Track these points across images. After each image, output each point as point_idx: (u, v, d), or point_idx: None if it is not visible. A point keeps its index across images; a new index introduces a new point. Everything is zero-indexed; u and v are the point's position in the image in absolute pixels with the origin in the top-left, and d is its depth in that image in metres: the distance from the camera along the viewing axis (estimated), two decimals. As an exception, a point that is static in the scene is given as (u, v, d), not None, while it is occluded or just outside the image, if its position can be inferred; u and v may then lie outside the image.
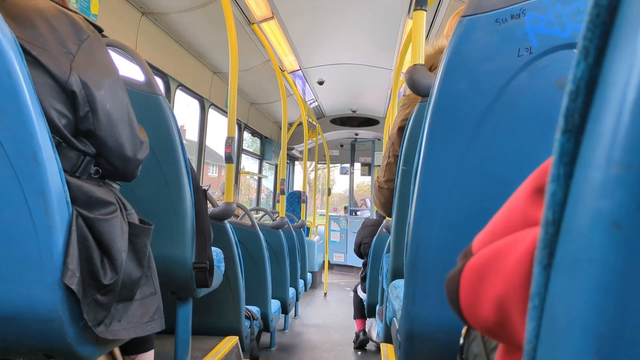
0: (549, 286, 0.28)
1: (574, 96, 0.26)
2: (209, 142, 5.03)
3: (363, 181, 12.17)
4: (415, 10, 1.61)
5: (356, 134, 8.76)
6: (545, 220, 0.28)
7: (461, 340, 0.58)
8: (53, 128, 1.10)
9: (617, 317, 0.24)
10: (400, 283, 1.50)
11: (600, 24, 0.25)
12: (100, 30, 1.24)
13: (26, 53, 1.06)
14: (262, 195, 8.03)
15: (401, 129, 1.72)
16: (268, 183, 8.72)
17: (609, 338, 0.24)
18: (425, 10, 1.62)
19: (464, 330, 0.58)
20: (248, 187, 8.61)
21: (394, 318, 1.42)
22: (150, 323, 1.29)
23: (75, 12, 1.19)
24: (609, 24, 0.25)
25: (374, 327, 4.08)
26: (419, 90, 1.48)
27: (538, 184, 0.36)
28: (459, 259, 0.43)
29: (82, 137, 1.18)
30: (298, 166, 10.04)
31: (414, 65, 1.53)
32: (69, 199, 1.11)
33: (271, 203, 8.60)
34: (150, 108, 1.77)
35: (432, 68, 1.66)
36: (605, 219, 0.24)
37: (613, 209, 0.23)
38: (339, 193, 14.72)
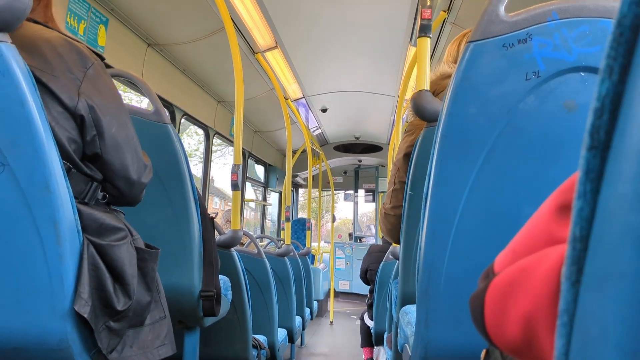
0: (578, 302, 0.28)
1: (599, 113, 0.27)
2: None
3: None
4: (419, 37, 1.63)
5: (360, 161, 8.78)
6: (572, 236, 0.28)
7: (480, 364, 0.57)
8: (63, 154, 1.11)
9: (651, 332, 0.23)
10: (411, 309, 1.49)
11: (624, 43, 0.25)
12: (102, 58, 1.27)
13: (37, 80, 1.09)
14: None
15: (407, 155, 1.72)
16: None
17: (643, 353, 0.24)
18: (430, 37, 1.64)
19: (483, 353, 0.58)
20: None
21: (406, 344, 1.40)
22: (161, 348, 1.28)
23: (78, 41, 1.22)
24: (632, 42, 0.25)
25: (382, 355, 4.02)
26: (424, 115, 1.49)
27: (561, 201, 0.36)
28: (480, 280, 0.43)
29: (89, 162, 1.20)
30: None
31: (419, 91, 1.54)
32: (79, 227, 1.11)
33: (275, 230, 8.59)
34: (159, 136, 1.79)
35: (435, 93, 1.67)
36: (636, 233, 0.24)
37: (643, 223, 0.24)
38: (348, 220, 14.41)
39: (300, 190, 9.81)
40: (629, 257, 0.24)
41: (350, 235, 9.53)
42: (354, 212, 9.67)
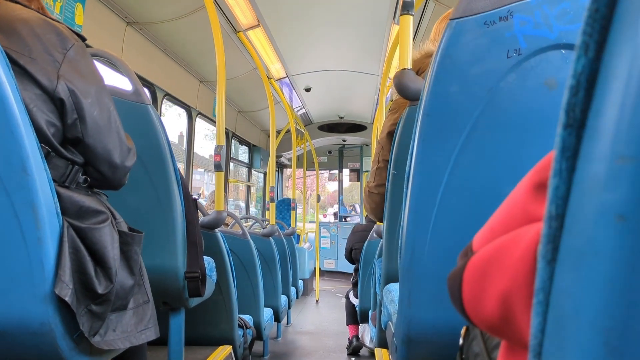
0: (554, 281, 0.28)
1: (574, 91, 0.26)
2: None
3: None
4: (401, 15, 1.62)
5: (344, 140, 8.77)
6: (548, 215, 0.28)
7: (461, 341, 0.58)
8: (42, 137, 1.09)
9: (624, 309, 0.24)
10: (394, 287, 1.50)
11: (600, 19, 0.25)
12: (83, 39, 1.24)
13: (13, 62, 1.06)
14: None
15: (390, 134, 1.72)
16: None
17: (616, 330, 0.24)
18: (412, 15, 1.63)
19: (463, 330, 0.58)
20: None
21: (390, 322, 1.42)
22: (145, 331, 1.28)
23: (58, 22, 1.19)
24: (608, 18, 0.25)
25: (367, 332, 4.08)
26: (407, 94, 1.48)
27: (538, 179, 0.36)
28: (459, 258, 0.43)
29: (70, 146, 1.18)
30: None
31: (402, 69, 1.53)
32: (59, 210, 1.10)
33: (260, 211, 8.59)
34: (139, 117, 1.77)
35: (419, 72, 1.67)
36: (610, 211, 0.24)
37: (617, 201, 0.23)
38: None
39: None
40: (603, 235, 0.24)
41: (335, 214, 9.58)
42: (339, 191, 9.70)
